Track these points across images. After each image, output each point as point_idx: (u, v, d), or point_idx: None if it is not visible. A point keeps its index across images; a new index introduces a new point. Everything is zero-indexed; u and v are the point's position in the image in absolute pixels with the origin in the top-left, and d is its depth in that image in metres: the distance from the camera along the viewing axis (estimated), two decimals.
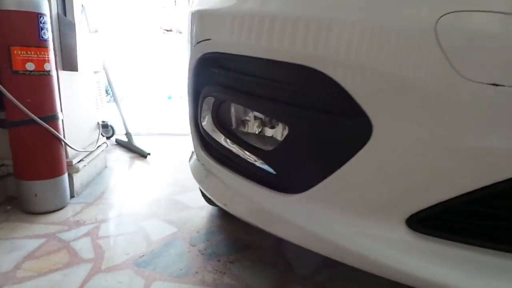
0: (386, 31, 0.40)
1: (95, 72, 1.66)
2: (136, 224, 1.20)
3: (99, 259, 0.98)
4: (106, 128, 2.17)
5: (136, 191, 1.51)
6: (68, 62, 1.32)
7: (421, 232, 0.45)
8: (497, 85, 0.35)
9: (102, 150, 1.71)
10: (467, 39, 0.36)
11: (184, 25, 0.76)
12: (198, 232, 1.16)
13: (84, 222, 1.19)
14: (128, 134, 2.12)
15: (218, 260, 0.99)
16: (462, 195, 0.40)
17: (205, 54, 0.65)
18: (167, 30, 4.78)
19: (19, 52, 1.09)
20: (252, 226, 0.64)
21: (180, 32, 4.53)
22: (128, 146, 2.14)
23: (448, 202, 0.42)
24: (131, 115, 2.38)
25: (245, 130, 0.66)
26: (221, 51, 0.60)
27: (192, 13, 0.69)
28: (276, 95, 0.53)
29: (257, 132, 0.64)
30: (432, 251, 0.44)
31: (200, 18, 0.66)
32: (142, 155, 2.01)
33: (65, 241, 1.06)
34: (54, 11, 1.27)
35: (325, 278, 0.93)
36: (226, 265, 0.97)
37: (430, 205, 0.43)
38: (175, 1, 4.81)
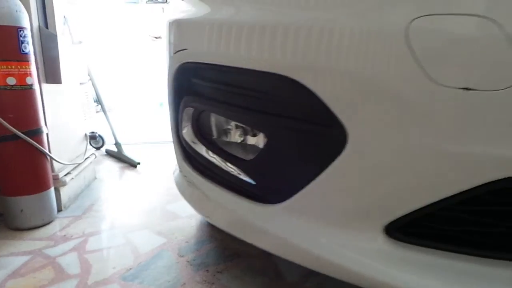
0: (356, 37, 0.40)
1: (81, 84, 1.64)
2: (125, 237, 1.18)
3: (86, 274, 0.96)
4: (95, 139, 2.15)
5: (125, 202, 1.50)
6: (51, 75, 1.31)
7: (401, 241, 0.45)
8: (468, 89, 0.35)
9: (91, 162, 1.69)
10: (438, 43, 0.36)
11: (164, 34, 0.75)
12: (187, 242, 1.14)
13: (72, 236, 1.18)
14: (117, 144, 2.10)
15: (207, 270, 0.98)
16: (438, 201, 0.40)
17: (183, 63, 0.64)
18: (156, 38, 4.78)
19: (0, 67, 1.08)
20: None
21: None
22: (118, 156, 2.12)
23: (424, 209, 0.41)
24: (121, 125, 2.35)
25: (227, 139, 0.65)
26: (198, 61, 0.60)
27: (170, 23, 0.68)
28: (253, 104, 0.53)
29: (239, 141, 0.64)
30: (412, 260, 0.44)
31: (177, 28, 0.65)
32: (132, 164, 2.00)
33: (51, 257, 1.04)
34: (36, 24, 1.26)
35: (314, 284, 0.92)
36: (214, 275, 0.95)
37: (406, 212, 0.42)
38: (162, 8, 4.81)
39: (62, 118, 1.45)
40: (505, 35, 0.32)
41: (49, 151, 1.28)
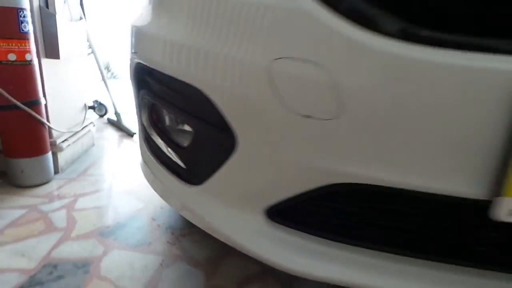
0: (237, 67, 0.51)
1: (81, 56, 1.77)
2: (109, 199, 1.35)
3: (70, 229, 1.14)
4: (96, 107, 2.30)
5: (116, 168, 1.66)
6: (51, 51, 1.45)
7: (278, 223, 0.58)
8: (309, 117, 0.46)
9: (89, 130, 1.85)
10: (290, 79, 0.47)
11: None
12: (162, 208, 1.31)
13: (64, 196, 1.35)
14: (117, 114, 2.25)
15: (172, 233, 1.14)
16: (294, 196, 0.53)
17: (136, 63, 0.76)
18: None
19: (1, 44, 1.21)
20: None
21: None
22: (117, 125, 2.29)
23: (288, 201, 0.54)
24: (126, 94, 2.46)
25: (172, 129, 0.78)
26: (143, 63, 0.72)
27: (131, 26, 0.80)
28: (181, 104, 0.65)
29: (182, 132, 0.76)
30: (284, 239, 0.57)
31: (132, 32, 0.77)
32: (129, 134, 2.16)
33: (44, 212, 1.22)
34: (36, 4, 1.38)
35: None
36: (177, 238, 1.12)
37: (276, 202, 0.55)
38: None
39: (61, 90, 1.59)
40: (329, 79, 0.43)
41: (48, 120, 1.44)
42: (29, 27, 1.27)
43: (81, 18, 1.68)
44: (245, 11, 0.49)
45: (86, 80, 1.88)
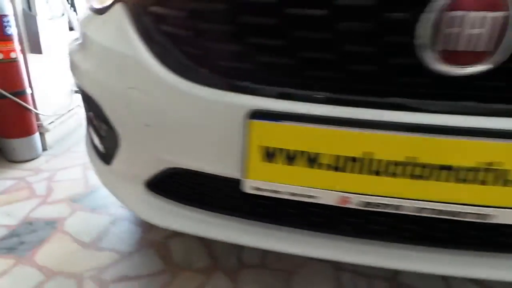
0: (111, 90, 0.75)
1: (63, 48, 2.03)
2: (83, 173, 1.65)
3: (48, 196, 1.44)
4: None
5: None
6: (34, 47, 1.71)
7: (154, 192, 0.84)
8: (148, 125, 0.71)
9: (76, 112, 2.14)
10: (135, 101, 0.71)
11: None
12: None
13: (47, 169, 1.66)
14: None
15: None
16: (155, 175, 0.78)
17: None
18: None
19: None
20: None
21: None
22: None
23: (153, 178, 0.80)
24: None
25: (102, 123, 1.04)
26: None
27: (68, 45, 1.05)
28: (93, 107, 0.91)
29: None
30: (157, 204, 0.84)
31: (69, 52, 1.02)
32: None
33: (29, 183, 1.53)
34: (19, 8, 1.63)
35: None
36: None
37: (147, 178, 0.81)
38: None
39: (46, 79, 1.86)
40: (150, 102, 0.68)
41: (34, 105, 1.73)
42: (12, 30, 1.53)
43: (63, 15, 1.92)
44: (114, 56, 0.73)
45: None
